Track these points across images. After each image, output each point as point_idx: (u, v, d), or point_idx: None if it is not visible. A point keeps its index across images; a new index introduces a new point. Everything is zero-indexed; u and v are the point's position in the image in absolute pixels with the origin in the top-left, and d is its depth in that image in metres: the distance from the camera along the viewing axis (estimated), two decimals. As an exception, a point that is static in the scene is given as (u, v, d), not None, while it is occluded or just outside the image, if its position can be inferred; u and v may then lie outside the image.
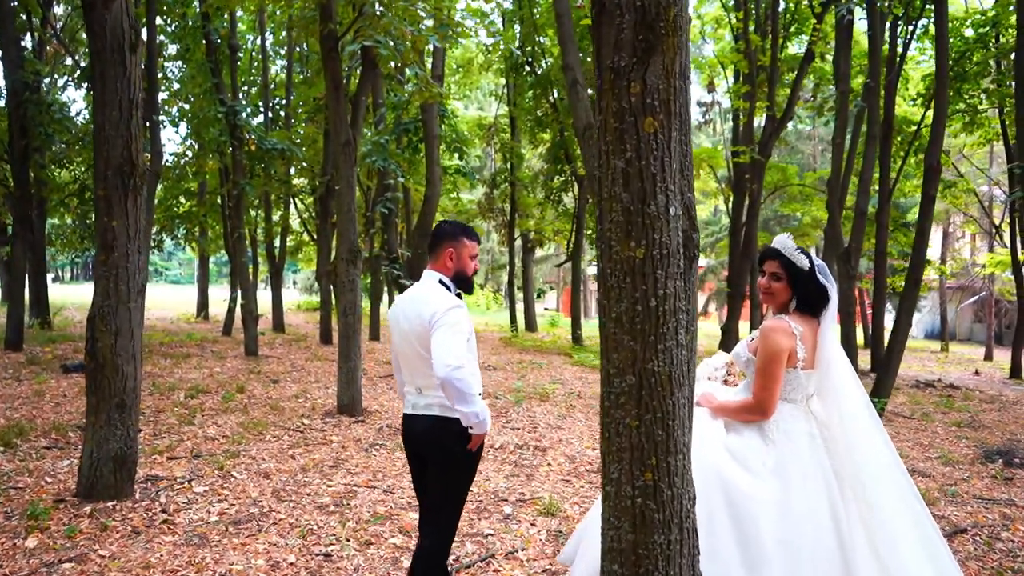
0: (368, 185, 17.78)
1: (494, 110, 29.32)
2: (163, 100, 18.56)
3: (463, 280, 3.29)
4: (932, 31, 16.37)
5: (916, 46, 17.26)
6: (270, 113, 19.76)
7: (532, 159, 27.38)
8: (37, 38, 17.23)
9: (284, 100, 20.24)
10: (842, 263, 11.41)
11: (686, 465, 2.24)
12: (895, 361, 9.67)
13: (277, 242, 21.98)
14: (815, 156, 34.60)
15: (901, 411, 10.41)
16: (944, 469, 7.03)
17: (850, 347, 12.03)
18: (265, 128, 17.75)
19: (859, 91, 13.23)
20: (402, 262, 15.57)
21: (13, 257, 13.45)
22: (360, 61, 10.27)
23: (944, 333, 25.91)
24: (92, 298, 5.04)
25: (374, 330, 19.92)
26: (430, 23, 8.84)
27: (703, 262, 34.75)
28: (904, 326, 9.54)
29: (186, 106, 18.09)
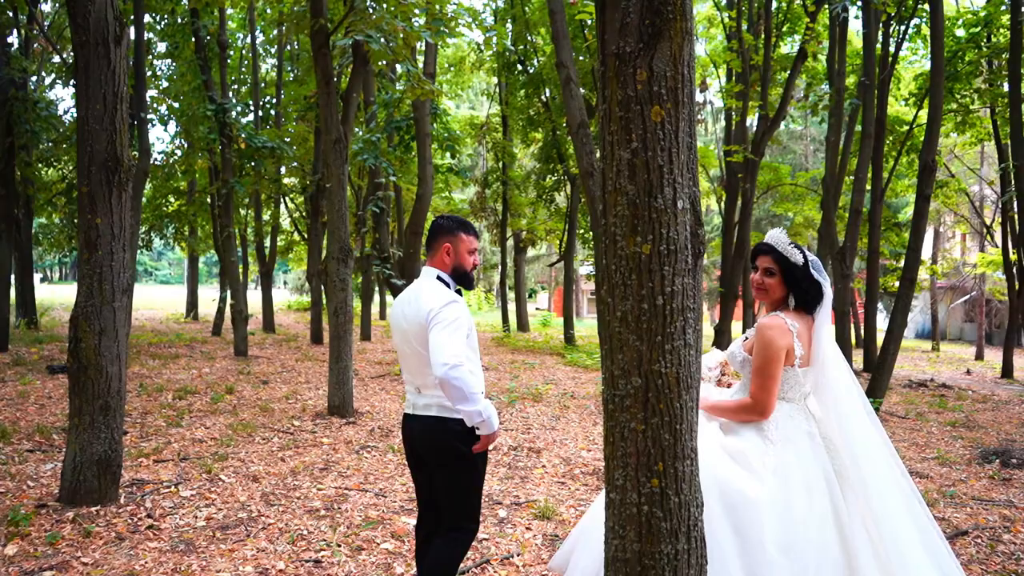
0: (359, 184, 17.64)
1: (486, 109, 29.22)
2: (152, 98, 18.39)
3: (462, 275, 3.20)
4: (924, 31, 16.49)
5: (908, 46, 17.27)
6: (260, 112, 19.58)
7: (524, 158, 27.29)
8: (23, 35, 17.01)
9: (274, 99, 20.07)
10: (837, 262, 11.36)
11: (694, 471, 2.14)
12: (890, 361, 9.62)
13: (267, 241, 21.82)
14: (807, 156, 34.66)
15: (895, 411, 10.36)
16: (941, 470, 6.97)
17: (846, 347, 11.98)
18: (255, 127, 17.57)
19: (853, 90, 13.18)
20: (393, 262, 15.43)
21: (-1, 256, 13.25)
22: (351, 58, 10.16)
23: (935, 333, 25.96)
24: (75, 298, 4.91)
25: (365, 330, 19.80)
26: (423, 20, 8.72)
27: (695, 262, 34.58)
28: (899, 325, 9.49)
29: (175, 104, 17.89)
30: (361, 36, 7.61)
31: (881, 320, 21.24)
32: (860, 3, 12.05)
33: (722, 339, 13.97)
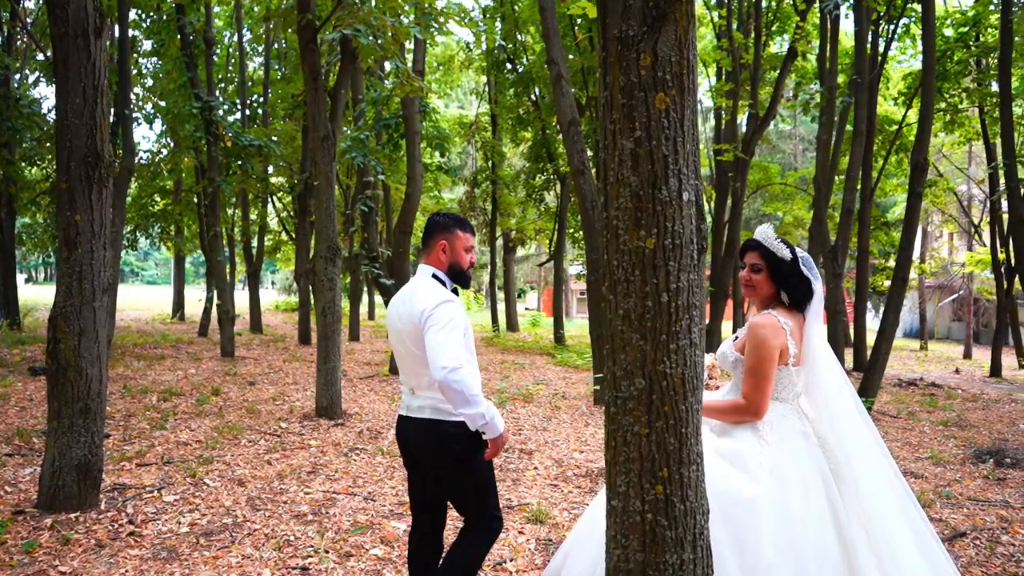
0: (347, 184, 17.48)
1: (475, 108, 29.09)
2: (137, 95, 18.16)
3: (458, 273, 3.12)
4: (913, 30, 16.50)
5: (897, 46, 17.28)
6: (247, 111, 19.39)
7: (514, 157, 27.20)
8: (6, 32, 16.77)
9: (262, 97, 19.88)
10: (829, 261, 11.32)
11: (700, 476, 2.03)
12: (882, 360, 9.56)
13: (255, 241, 21.61)
14: (796, 155, 34.73)
15: (887, 410, 10.32)
16: (936, 470, 6.92)
17: (838, 346, 11.93)
18: (242, 125, 17.38)
19: (844, 88, 13.16)
20: (382, 261, 15.28)
21: (-20, 256, 13.03)
22: (339, 55, 10.02)
23: (923, 332, 26.05)
24: (54, 297, 4.77)
25: (354, 330, 19.65)
26: (411, 18, 8.59)
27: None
28: (891, 324, 9.44)
29: (161, 103, 17.67)
30: (349, 31, 7.47)
31: (870, 319, 21.28)
32: (852, 1, 12.02)
33: (712, 339, 13.91)
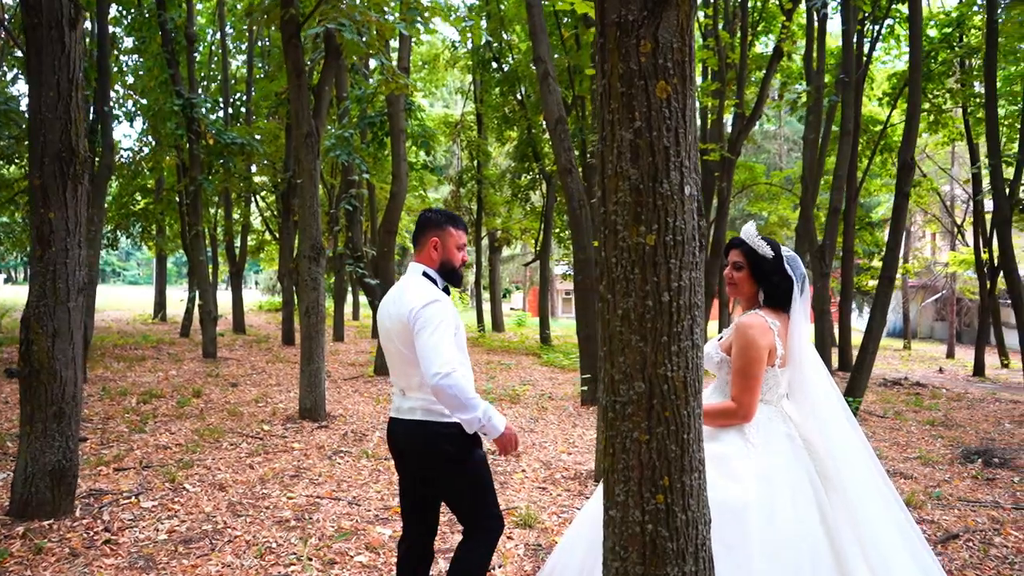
0: (332, 183, 17.30)
1: (460, 107, 28.97)
2: (117, 92, 17.89)
3: (450, 272, 3.03)
4: (898, 31, 16.57)
5: (881, 46, 17.34)
6: (230, 109, 19.16)
7: (499, 157, 27.09)
8: (-18, 27, 16.45)
9: (245, 96, 19.64)
10: (817, 260, 11.30)
11: (702, 485, 1.94)
12: (869, 360, 9.54)
13: (238, 241, 21.38)
14: (781, 155, 34.86)
15: (873, 410, 10.32)
16: (924, 470, 6.89)
17: (825, 346, 11.94)
18: (225, 124, 17.15)
19: (831, 87, 13.16)
20: (367, 261, 15.13)
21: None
22: (323, 52, 9.88)
23: (907, 331, 26.20)
24: (27, 298, 4.61)
25: (338, 331, 19.48)
26: (396, 15, 8.46)
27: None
28: (879, 324, 9.42)
29: (143, 100, 17.40)
30: (333, 25, 7.34)
31: (854, 319, 21.36)
32: (839, 0, 12.03)
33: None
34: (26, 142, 14.11)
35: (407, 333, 2.81)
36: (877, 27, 15.15)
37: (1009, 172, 12.72)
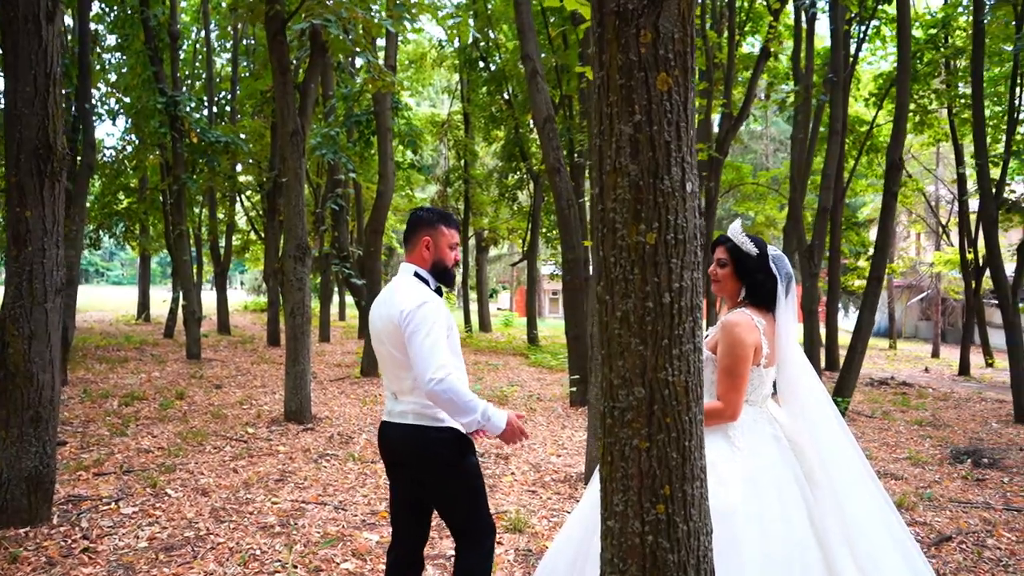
0: (318, 182, 17.15)
1: (447, 107, 28.85)
2: (102, 93, 17.67)
3: (442, 272, 2.95)
4: (884, 32, 16.61)
5: (867, 46, 17.38)
6: (215, 108, 18.96)
7: (486, 156, 27.00)
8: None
9: (229, 94, 19.44)
10: (805, 260, 11.28)
11: (703, 494, 1.86)
12: (858, 360, 9.53)
13: (223, 241, 21.16)
14: (767, 155, 34.98)
15: (862, 410, 10.31)
16: (915, 471, 6.87)
17: (814, 345, 11.93)
18: (210, 123, 16.97)
19: (818, 87, 13.17)
20: (353, 261, 15.01)
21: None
22: (309, 50, 9.76)
23: (892, 331, 26.33)
24: (3, 299, 4.48)
25: (324, 331, 19.31)
26: (383, 14, 8.35)
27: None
28: (867, 323, 9.41)
29: (126, 99, 17.17)
30: (319, 20, 7.23)
31: (840, 319, 21.41)
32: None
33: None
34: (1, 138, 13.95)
35: (398, 335, 2.73)
36: (863, 28, 15.18)
37: (995, 172, 12.76)
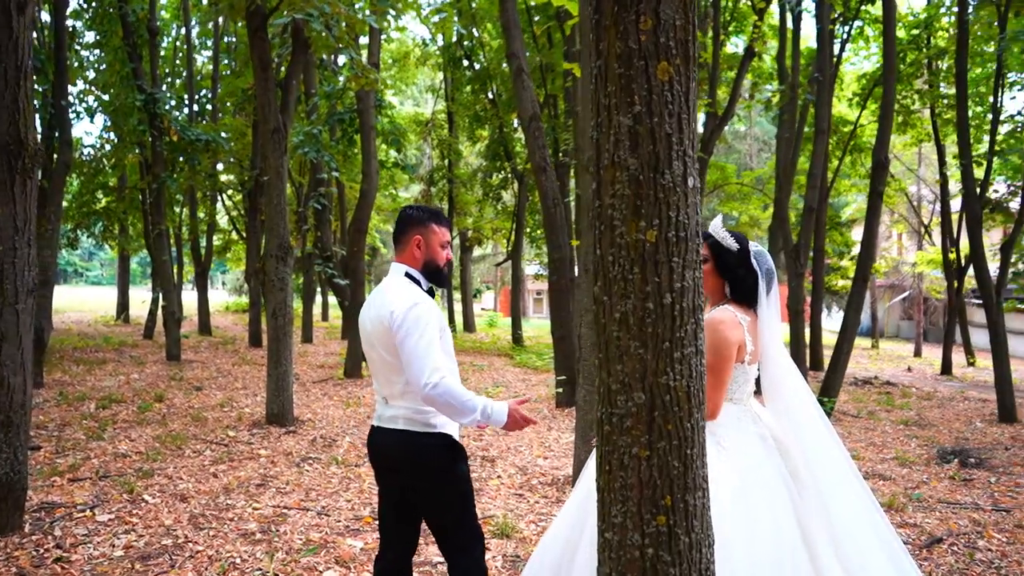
0: (300, 181, 16.98)
1: (431, 106, 28.69)
2: (80, 90, 17.40)
3: (434, 272, 2.85)
4: (867, 32, 16.67)
5: (850, 47, 17.43)
6: (196, 106, 18.71)
7: (470, 156, 26.86)
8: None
9: (210, 92, 19.19)
10: (791, 260, 11.27)
11: (706, 504, 1.78)
12: (843, 359, 9.52)
13: (203, 240, 20.90)
14: (751, 156, 35.09)
15: (847, 410, 10.31)
16: (902, 471, 6.85)
17: (800, 345, 11.92)
18: (190, 121, 16.74)
19: (804, 86, 13.18)
20: (336, 260, 14.86)
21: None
22: (291, 47, 9.62)
23: (875, 330, 26.47)
24: (-28, 299, 4.33)
25: (307, 332, 19.12)
26: (368, 12, 8.23)
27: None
28: (853, 323, 9.40)
29: (104, 96, 16.91)
30: (301, 15, 7.10)
31: (826, 319, 21.51)
32: (814, -1, 12.03)
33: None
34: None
35: (389, 338, 2.64)
36: (847, 28, 15.22)
37: (979, 172, 12.82)
